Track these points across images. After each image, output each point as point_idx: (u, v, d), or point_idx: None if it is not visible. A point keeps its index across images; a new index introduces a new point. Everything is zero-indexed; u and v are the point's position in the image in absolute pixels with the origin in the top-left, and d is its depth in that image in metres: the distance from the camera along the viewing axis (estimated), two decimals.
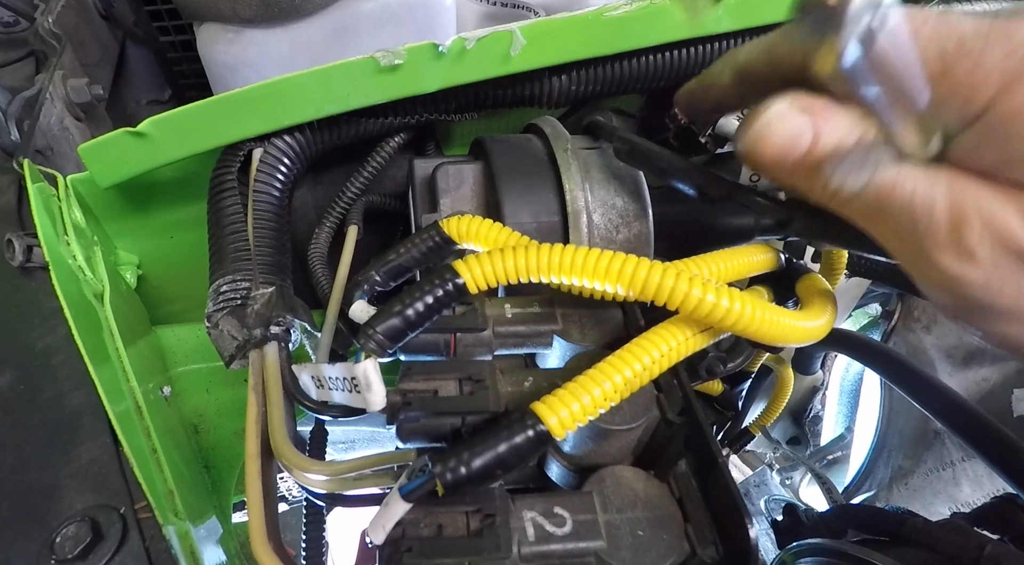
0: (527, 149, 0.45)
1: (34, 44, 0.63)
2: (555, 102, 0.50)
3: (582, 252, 0.28)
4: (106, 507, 0.33)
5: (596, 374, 0.26)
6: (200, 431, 0.53)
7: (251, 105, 0.41)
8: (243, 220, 0.41)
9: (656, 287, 0.27)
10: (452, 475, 0.24)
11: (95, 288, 0.41)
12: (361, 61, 0.41)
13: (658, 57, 0.47)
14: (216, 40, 0.60)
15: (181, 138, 0.41)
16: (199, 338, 0.54)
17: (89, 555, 0.31)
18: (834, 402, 1.14)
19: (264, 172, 0.43)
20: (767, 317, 0.28)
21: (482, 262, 0.28)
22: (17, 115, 0.50)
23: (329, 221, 0.52)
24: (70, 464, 0.35)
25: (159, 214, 0.50)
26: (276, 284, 0.38)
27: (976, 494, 0.80)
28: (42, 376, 0.39)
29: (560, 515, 0.26)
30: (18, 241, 0.44)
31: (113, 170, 0.42)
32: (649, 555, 0.25)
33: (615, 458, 0.30)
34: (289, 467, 0.30)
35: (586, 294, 0.31)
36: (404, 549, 0.24)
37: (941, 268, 0.23)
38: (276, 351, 0.35)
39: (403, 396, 0.28)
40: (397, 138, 0.51)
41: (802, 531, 0.55)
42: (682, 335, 0.29)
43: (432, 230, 0.34)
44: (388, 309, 0.28)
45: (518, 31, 0.42)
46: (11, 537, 0.32)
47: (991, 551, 0.34)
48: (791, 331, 0.29)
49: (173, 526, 0.34)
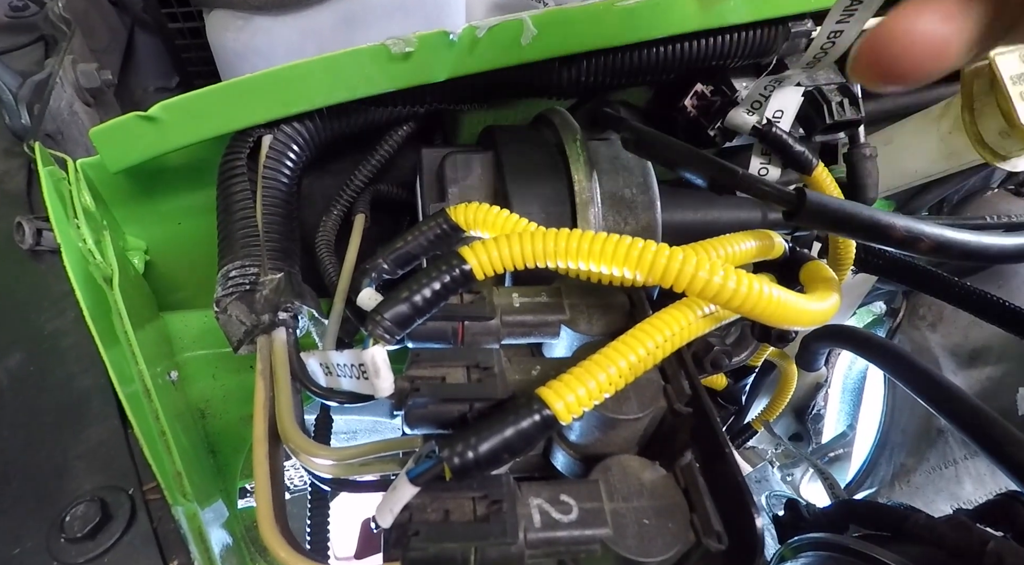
0: (536, 139, 0.45)
1: (44, 29, 0.63)
2: (564, 93, 0.50)
3: (588, 236, 0.28)
4: (115, 488, 0.34)
5: (601, 359, 0.26)
6: (206, 416, 0.53)
7: (261, 91, 0.41)
8: (252, 206, 0.41)
9: (663, 269, 0.27)
10: (460, 459, 0.24)
11: (104, 272, 0.41)
12: (372, 48, 0.41)
13: (669, 48, 0.47)
14: (225, 27, 0.60)
15: (191, 123, 0.41)
16: (205, 324, 0.54)
17: (98, 534, 0.32)
18: (836, 399, 1.14)
19: (273, 158, 0.43)
20: (773, 297, 0.27)
21: (488, 248, 0.28)
22: (28, 99, 0.51)
23: (336, 209, 0.52)
24: (79, 445, 0.36)
25: (167, 200, 0.51)
26: (284, 270, 0.38)
27: (979, 492, 0.80)
28: (51, 359, 0.40)
29: (566, 502, 0.26)
30: (28, 224, 0.44)
31: (123, 154, 0.42)
32: (654, 544, 0.25)
33: (621, 448, 0.30)
34: (296, 451, 0.31)
35: (594, 279, 0.31)
36: (411, 533, 0.24)
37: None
38: (284, 337, 0.36)
39: (411, 383, 0.28)
40: (405, 127, 0.51)
41: (803, 526, 0.55)
42: (685, 319, 0.29)
43: (440, 217, 0.34)
44: (395, 295, 0.28)
45: (529, 20, 0.42)
46: (22, 515, 0.33)
47: (994, 547, 0.34)
48: (797, 312, 0.29)
49: (182, 507, 0.34)
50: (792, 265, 0.39)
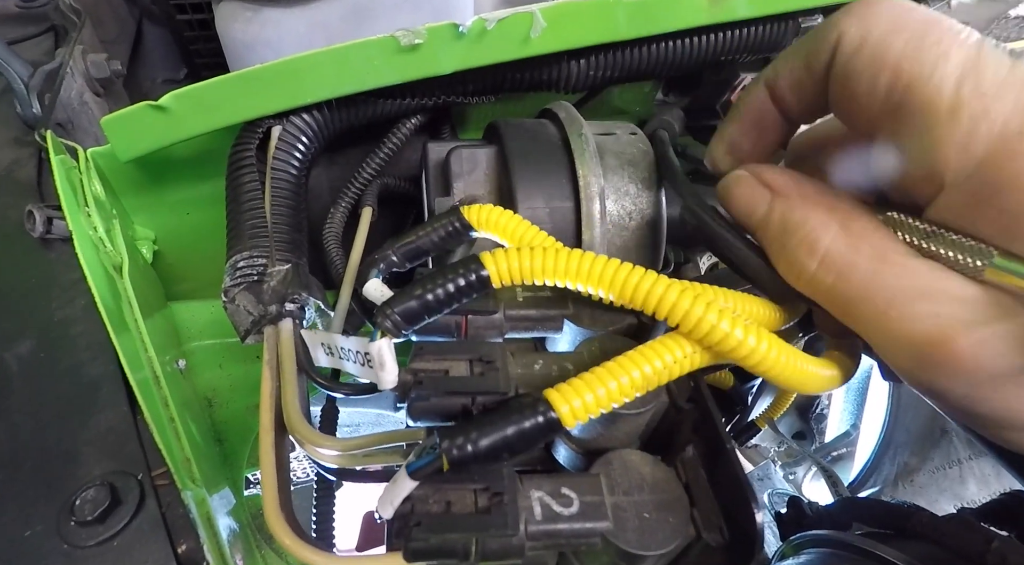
0: (541, 134, 0.45)
1: (54, 19, 0.64)
2: (572, 87, 0.50)
3: (614, 265, 0.28)
4: (124, 473, 0.34)
5: (615, 367, 0.26)
6: (214, 405, 0.54)
7: (270, 82, 0.41)
8: (261, 197, 0.41)
9: (696, 321, 0.26)
10: (458, 452, 0.24)
11: (114, 260, 0.41)
12: (381, 40, 0.41)
13: (679, 43, 0.47)
14: (234, 18, 0.60)
15: (201, 112, 0.41)
16: (213, 314, 0.55)
17: (107, 518, 0.32)
18: (840, 398, 1.13)
19: (282, 150, 0.43)
20: (789, 363, 0.27)
21: (510, 258, 0.28)
22: (38, 88, 0.51)
23: (344, 202, 0.52)
24: (88, 431, 0.36)
25: (176, 191, 0.51)
26: (292, 262, 0.39)
27: (982, 493, 0.80)
28: (61, 346, 0.40)
29: (567, 495, 0.26)
30: (39, 212, 0.44)
31: (134, 143, 0.42)
32: (655, 537, 0.25)
33: (623, 442, 0.30)
34: (302, 441, 0.31)
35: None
36: (412, 524, 0.25)
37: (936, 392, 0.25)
38: (291, 327, 0.36)
39: (414, 375, 0.29)
40: (413, 120, 0.51)
41: (806, 523, 0.55)
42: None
43: (453, 215, 0.34)
44: (409, 292, 0.28)
45: (539, 13, 0.42)
46: (32, 499, 0.33)
47: (998, 546, 0.34)
48: (812, 379, 0.28)
49: (191, 492, 0.34)
50: None
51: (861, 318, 0.26)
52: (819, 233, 0.26)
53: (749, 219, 0.30)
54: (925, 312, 0.24)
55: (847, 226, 0.26)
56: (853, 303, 0.26)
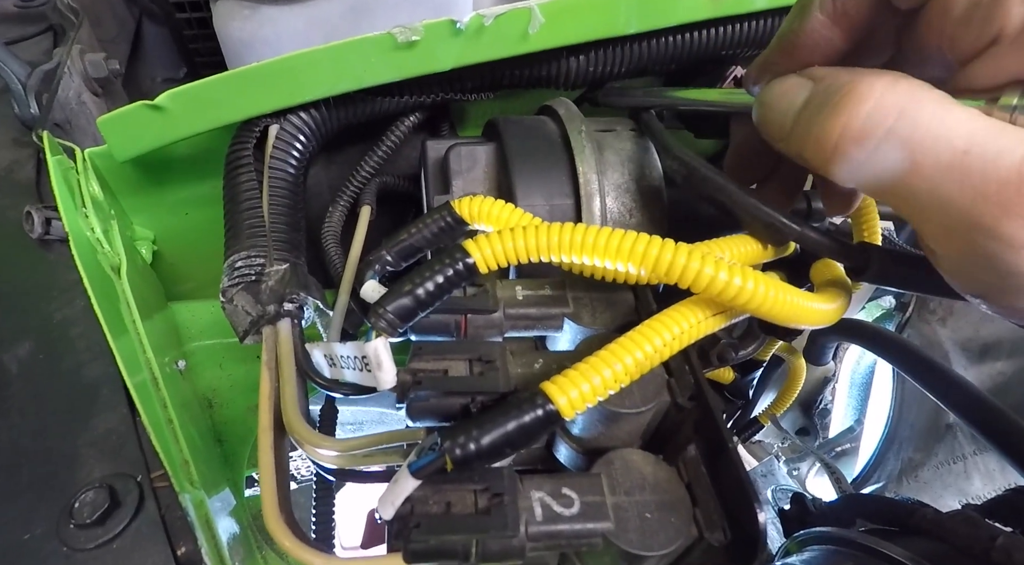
0: (541, 131, 0.45)
1: (52, 19, 0.64)
2: (571, 83, 0.49)
3: (593, 230, 0.28)
4: (123, 475, 0.34)
5: (607, 355, 0.26)
6: (214, 405, 0.54)
7: (268, 80, 0.41)
8: (258, 196, 0.41)
9: (668, 265, 0.27)
10: (461, 451, 0.24)
11: (112, 261, 0.41)
12: (378, 37, 0.40)
13: (679, 38, 0.46)
14: (232, 17, 0.60)
15: (198, 112, 0.41)
16: (212, 314, 0.54)
17: (107, 521, 0.32)
18: (844, 394, 1.13)
19: (280, 148, 0.43)
20: (781, 297, 0.27)
21: (492, 241, 0.28)
22: (36, 88, 0.51)
23: (342, 201, 0.52)
24: (88, 433, 0.36)
25: (174, 190, 0.51)
26: (290, 261, 0.38)
27: (987, 488, 0.79)
28: (61, 347, 0.40)
29: (568, 496, 0.26)
30: (37, 214, 0.44)
31: (131, 143, 0.42)
32: (656, 538, 0.25)
33: (624, 441, 0.30)
34: (301, 442, 0.31)
35: (598, 275, 0.31)
36: (412, 525, 0.24)
37: (1005, 238, 0.20)
38: (289, 328, 0.36)
39: (413, 375, 0.28)
40: (412, 118, 0.50)
41: (809, 520, 0.55)
42: (694, 317, 0.28)
43: (444, 210, 0.34)
44: (398, 288, 0.28)
45: (536, 8, 0.41)
46: (32, 501, 0.33)
47: (1003, 543, 0.34)
48: (806, 312, 0.29)
49: (189, 494, 0.34)
50: (802, 262, 0.38)
51: (925, 172, 0.21)
52: (871, 81, 0.22)
53: (786, 115, 0.26)
54: (1014, 143, 0.20)
55: (898, 80, 0.22)
56: (921, 150, 0.21)
